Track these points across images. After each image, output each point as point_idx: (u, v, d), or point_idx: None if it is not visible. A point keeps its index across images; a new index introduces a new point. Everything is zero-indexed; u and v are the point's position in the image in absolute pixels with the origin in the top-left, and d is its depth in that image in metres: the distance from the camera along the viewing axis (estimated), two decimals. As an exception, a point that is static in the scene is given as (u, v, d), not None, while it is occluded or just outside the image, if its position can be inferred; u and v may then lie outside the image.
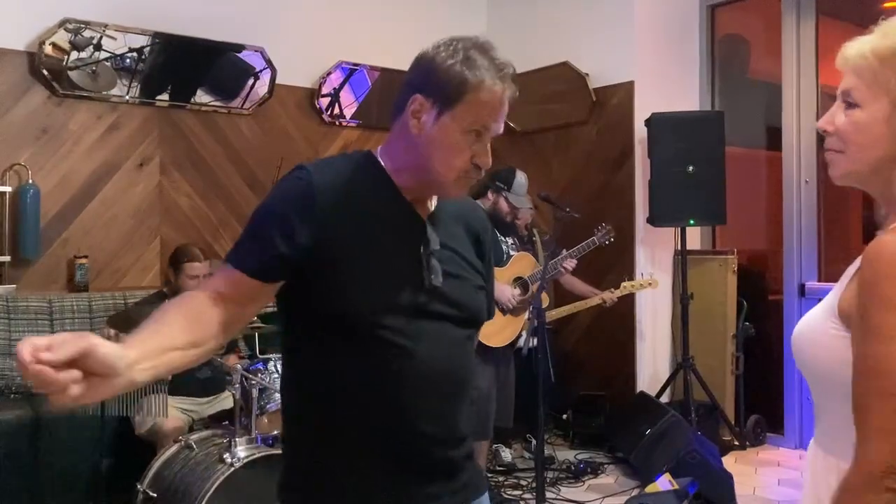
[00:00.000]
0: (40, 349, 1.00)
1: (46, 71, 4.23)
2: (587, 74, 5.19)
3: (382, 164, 1.43)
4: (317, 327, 1.37)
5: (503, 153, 5.52)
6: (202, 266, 3.73)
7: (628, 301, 4.73)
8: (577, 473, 4.26)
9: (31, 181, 4.17)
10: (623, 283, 4.25)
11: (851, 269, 1.17)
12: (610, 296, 4.21)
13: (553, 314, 4.29)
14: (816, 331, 1.19)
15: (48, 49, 4.22)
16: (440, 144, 1.36)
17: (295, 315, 1.40)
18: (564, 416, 4.95)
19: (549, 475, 4.14)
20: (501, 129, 1.40)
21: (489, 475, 4.12)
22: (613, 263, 4.80)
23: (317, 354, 1.38)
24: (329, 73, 5.20)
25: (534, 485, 4.03)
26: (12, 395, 3.71)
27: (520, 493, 4.04)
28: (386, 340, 1.34)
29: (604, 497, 3.92)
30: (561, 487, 4.10)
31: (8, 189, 4.13)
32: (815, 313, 1.22)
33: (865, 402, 1.05)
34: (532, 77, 5.49)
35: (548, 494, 3.80)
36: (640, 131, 4.93)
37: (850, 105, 1.18)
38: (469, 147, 1.36)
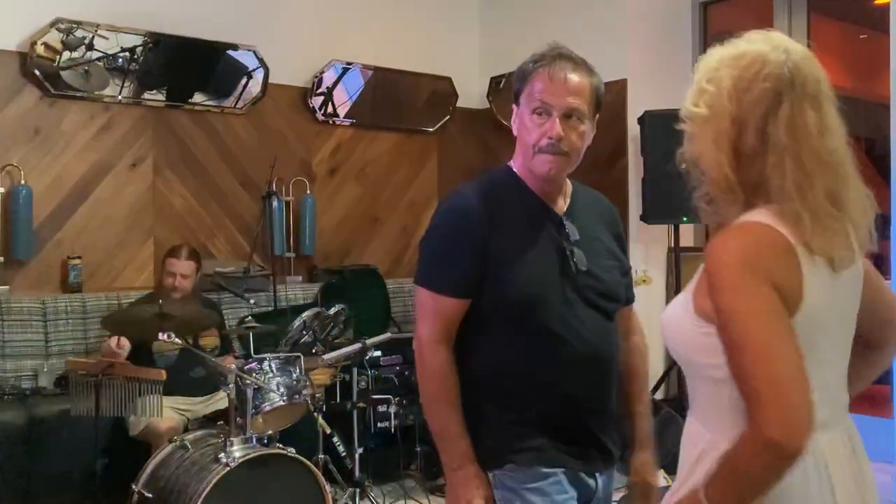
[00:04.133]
0: None
1: (38, 71, 4.21)
2: (580, 72, 5.19)
3: (516, 171, 1.70)
4: (480, 319, 1.62)
5: (496, 150, 5.54)
6: (182, 264, 3.73)
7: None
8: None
9: (23, 182, 4.16)
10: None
11: (701, 267, 1.29)
12: None
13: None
14: (676, 321, 1.31)
15: (40, 49, 4.21)
16: (520, 130, 1.64)
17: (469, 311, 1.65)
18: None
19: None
20: (575, 105, 1.60)
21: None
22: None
23: (480, 342, 1.63)
24: (322, 72, 5.19)
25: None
26: (6, 397, 3.70)
27: None
28: (541, 328, 1.59)
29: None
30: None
31: (0, 190, 4.12)
32: (676, 303, 1.33)
33: (742, 376, 1.15)
34: (525, 75, 5.50)
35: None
36: (633, 129, 4.94)
37: None
38: (537, 126, 1.60)
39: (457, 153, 5.72)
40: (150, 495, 2.96)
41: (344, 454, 3.48)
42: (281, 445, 3.05)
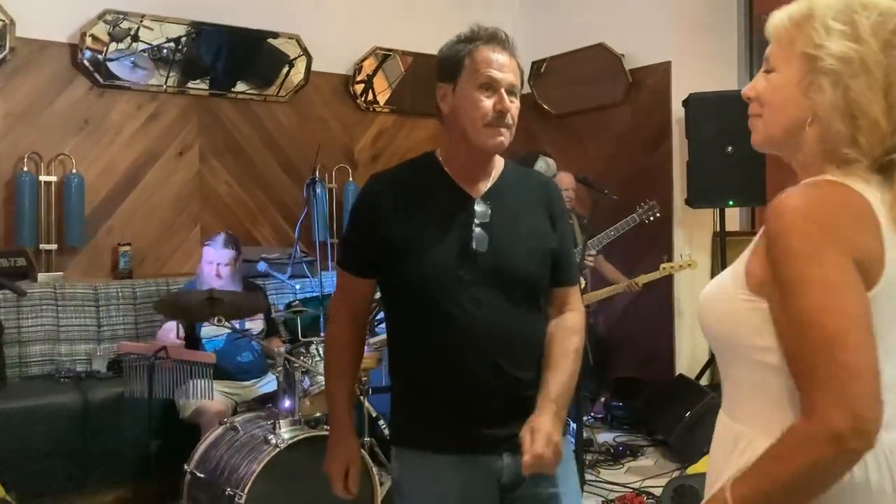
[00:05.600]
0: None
1: (87, 62, 4.30)
2: (623, 55, 5.14)
3: (440, 159, 1.72)
4: (389, 299, 1.72)
5: (538, 136, 5.51)
6: (219, 253, 3.76)
7: (667, 283, 4.70)
8: (616, 456, 4.25)
9: (75, 171, 4.26)
10: (662, 265, 4.23)
11: (757, 236, 1.16)
12: (635, 287, 4.21)
13: (590, 297, 4.28)
14: (723, 297, 1.17)
15: (89, 41, 4.30)
16: (464, 108, 1.62)
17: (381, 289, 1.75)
18: (602, 400, 4.94)
19: (587, 458, 4.14)
20: (515, 82, 1.64)
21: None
22: (651, 245, 4.77)
23: (392, 321, 1.73)
24: (363, 60, 5.21)
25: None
26: (62, 380, 3.81)
27: (558, 475, 4.05)
28: (435, 309, 1.61)
29: (643, 479, 3.91)
30: (600, 470, 4.09)
31: (53, 179, 4.23)
32: (722, 279, 1.20)
33: (804, 359, 1.02)
34: (566, 59, 5.45)
35: (587, 477, 3.80)
36: (678, 112, 4.87)
37: (769, 70, 1.20)
38: (483, 100, 1.60)
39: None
40: (202, 475, 3.01)
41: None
42: (328, 427, 3.09)
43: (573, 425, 4.53)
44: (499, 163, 1.73)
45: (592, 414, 4.88)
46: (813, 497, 1.02)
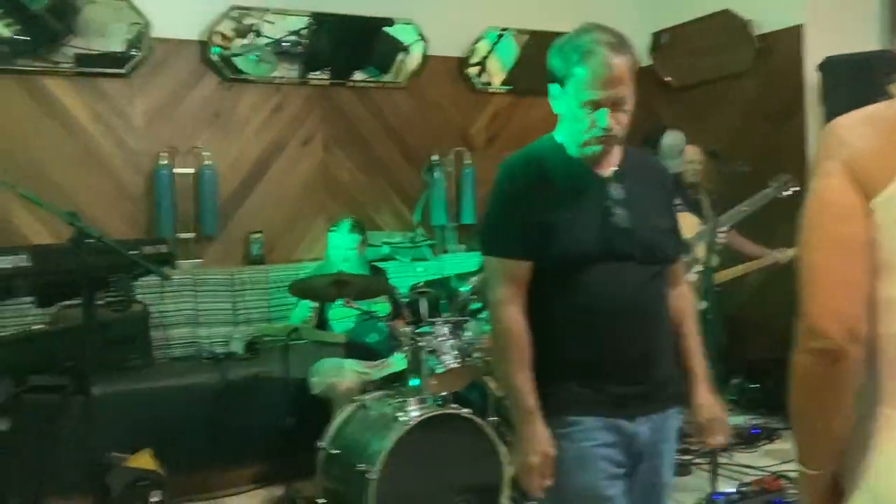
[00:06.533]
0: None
1: (216, 58, 4.50)
2: (750, 21, 4.89)
3: (558, 140, 1.77)
4: (539, 273, 1.73)
5: (659, 110, 5.33)
6: (345, 238, 3.85)
7: (803, 259, 4.45)
8: (750, 439, 4.09)
9: (208, 162, 4.48)
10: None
11: None
12: (782, 255, 3.98)
13: (723, 275, 4.11)
14: None
15: (216, 38, 4.49)
16: (566, 117, 1.70)
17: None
18: (734, 381, 4.76)
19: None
20: (623, 94, 1.65)
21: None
22: (784, 220, 4.51)
23: (535, 299, 1.74)
24: (478, 41, 5.20)
25: (705, 450, 3.92)
26: (203, 361, 4.03)
27: (690, 458, 3.93)
28: (582, 284, 1.68)
29: (781, 462, 3.74)
30: (734, 453, 3.95)
31: (189, 171, 4.46)
32: None
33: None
34: (689, 28, 5.25)
35: (720, 460, 3.67)
36: (811, 78, 4.60)
37: None
38: (587, 116, 1.65)
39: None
40: (336, 452, 3.12)
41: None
42: (456, 406, 3.13)
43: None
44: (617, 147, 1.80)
45: (725, 396, 4.70)
46: (818, 409, 1.14)
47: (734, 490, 3.28)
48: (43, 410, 2.43)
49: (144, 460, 3.38)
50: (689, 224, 3.79)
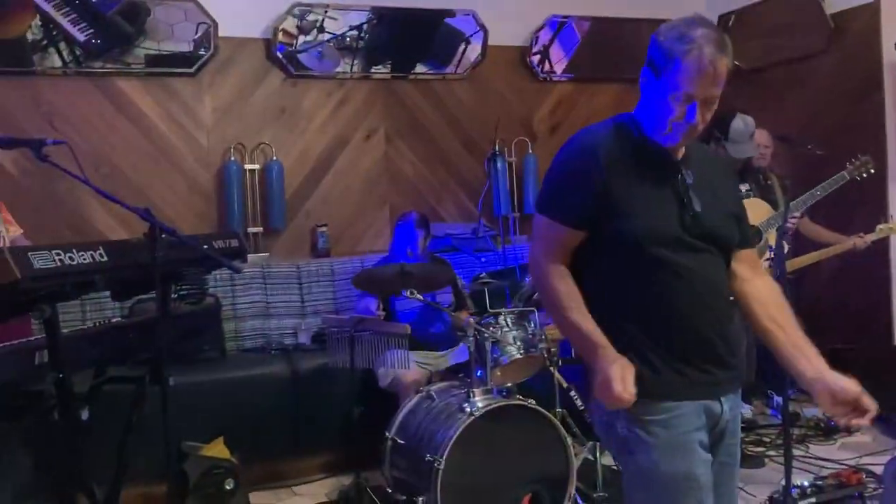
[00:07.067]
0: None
1: (281, 55, 4.58)
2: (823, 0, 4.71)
3: (637, 119, 1.76)
4: (600, 254, 1.72)
5: (728, 94, 5.17)
6: (407, 233, 3.89)
7: (882, 245, 4.27)
8: (827, 431, 3.96)
9: (274, 158, 4.56)
10: (878, 226, 3.84)
11: None
12: (861, 241, 3.83)
13: (796, 262, 3.98)
14: None
15: (280, 35, 4.57)
16: (655, 103, 1.68)
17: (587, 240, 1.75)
18: (810, 372, 4.60)
19: (795, 432, 3.89)
20: (715, 93, 1.65)
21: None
22: (862, 204, 4.35)
23: (600, 278, 1.73)
24: (539, 29, 5.15)
25: (778, 441, 3.82)
26: (273, 352, 4.12)
27: (763, 449, 3.84)
28: (659, 262, 1.68)
29: (861, 456, 3.61)
30: (809, 445, 3.83)
31: (256, 167, 4.56)
32: None
33: None
34: (758, 9, 5.09)
35: (795, 452, 3.57)
36: (889, 55, 4.40)
37: None
38: (676, 108, 1.64)
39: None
40: (403, 441, 3.15)
41: (583, 408, 3.47)
42: (521, 397, 3.12)
43: (777, 398, 4.28)
44: None
45: (799, 387, 4.56)
46: None
47: (810, 483, 3.18)
48: (121, 400, 2.51)
49: (218, 449, 3.48)
50: (759, 210, 3.68)
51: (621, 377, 1.59)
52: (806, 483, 3.17)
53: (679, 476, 1.67)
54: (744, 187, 3.73)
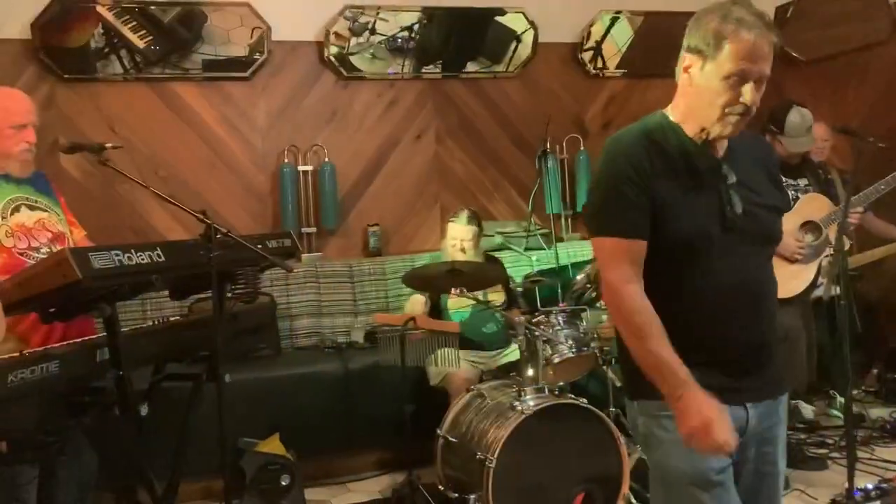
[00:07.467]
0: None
1: (332, 58, 4.63)
2: (885, -14, 4.56)
3: (672, 119, 1.73)
4: (652, 254, 1.69)
5: (786, 86, 5.06)
6: (463, 229, 3.85)
7: (950, 240, 4.11)
8: (893, 433, 3.83)
9: (327, 160, 4.62)
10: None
11: None
12: None
13: (858, 259, 3.86)
14: None
15: (332, 38, 4.62)
16: (707, 91, 1.63)
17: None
18: (874, 371, 4.47)
19: (859, 434, 3.77)
20: (767, 71, 1.62)
21: (788, 432, 3.84)
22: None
23: (651, 275, 1.69)
24: (591, 25, 5.10)
25: (842, 443, 3.71)
26: (326, 350, 4.18)
27: (826, 451, 3.73)
28: (701, 265, 1.65)
29: (929, 459, 3.49)
30: (875, 447, 3.71)
31: (310, 168, 4.62)
32: None
33: None
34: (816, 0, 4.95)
35: (860, 454, 3.46)
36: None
37: None
38: (730, 90, 1.61)
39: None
40: (454, 439, 3.15)
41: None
42: (573, 396, 3.09)
43: (840, 399, 4.16)
44: None
45: (864, 387, 4.43)
46: None
47: (874, 486, 3.08)
48: (178, 397, 2.58)
49: (274, 445, 3.54)
50: (819, 205, 3.58)
51: (720, 424, 1.54)
52: (870, 486, 3.07)
53: (692, 473, 1.65)
54: (802, 181, 3.63)
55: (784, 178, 3.56)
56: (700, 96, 1.66)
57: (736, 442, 1.57)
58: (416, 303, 3.76)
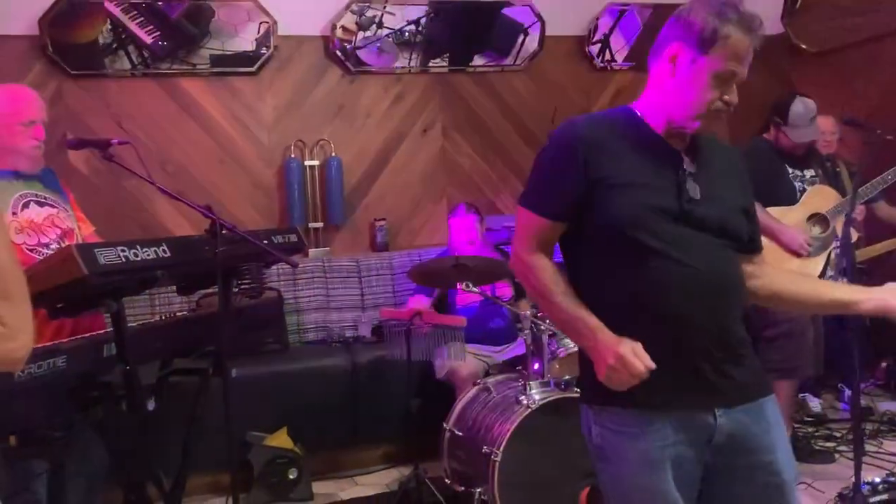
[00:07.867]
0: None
1: (339, 52, 4.63)
2: (896, -24, 4.52)
3: (638, 112, 1.71)
4: (588, 243, 1.66)
5: (792, 77, 5.04)
6: (461, 221, 3.88)
7: (960, 232, 4.08)
8: (901, 426, 3.82)
9: (333, 154, 4.63)
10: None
11: None
12: None
13: (868, 251, 3.83)
14: None
15: (339, 32, 4.62)
16: (693, 84, 1.60)
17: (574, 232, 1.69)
18: (884, 364, 4.45)
19: (867, 427, 3.76)
20: (745, 75, 1.62)
21: (796, 426, 3.84)
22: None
23: (590, 267, 1.66)
24: (598, 18, 5.09)
25: (849, 437, 3.70)
26: (333, 344, 4.19)
27: (833, 444, 3.72)
28: (650, 250, 1.58)
29: (937, 453, 3.47)
30: (883, 441, 3.70)
31: (316, 163, 4.63)
32: None
33: None
34: (826, -11, 4.92)
35: (867, 448, 3.45)
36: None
37: None
38: (716, 88, 1.60)
39: (749, 85, 5.28)
40: (460, 433, 3.16)
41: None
42: (579, 390, 3.09)
43: (848, 391, 4.14)
44: None
45: (872, 380, 4.41)
46: None
47: (882, 480, 3.06)
48: (186, 392, 2.59)
49: (281, 439, 3.57)
50: (826, 197, 3.56)
51: (633, 351, 1.52)
52: (877, 479, 3.06)
53: (648, 492, 1.60)
54: (808, 172, 3.61)
55: (790, 169, 3.59)
56: (681, 88, 1.62)
57: (650, 363, 1.51)
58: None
